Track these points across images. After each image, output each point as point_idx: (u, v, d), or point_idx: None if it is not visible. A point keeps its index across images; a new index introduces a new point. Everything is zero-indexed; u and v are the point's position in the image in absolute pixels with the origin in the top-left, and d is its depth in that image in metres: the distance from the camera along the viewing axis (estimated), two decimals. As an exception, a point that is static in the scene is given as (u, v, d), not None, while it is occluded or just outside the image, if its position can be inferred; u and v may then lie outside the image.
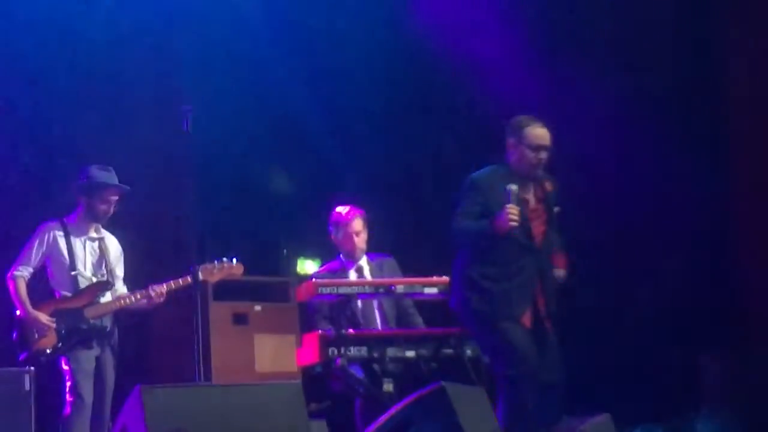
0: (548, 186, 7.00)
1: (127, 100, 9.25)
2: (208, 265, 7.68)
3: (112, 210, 7.67)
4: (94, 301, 7.54)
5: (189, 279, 7.35)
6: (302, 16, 9.67)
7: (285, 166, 9.90)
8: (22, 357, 7.56)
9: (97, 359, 7.55)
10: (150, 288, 7.59)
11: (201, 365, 7.07)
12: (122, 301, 7.62)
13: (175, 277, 7.57)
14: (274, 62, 9.61)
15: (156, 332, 8.83)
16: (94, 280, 7.66)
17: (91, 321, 7.52)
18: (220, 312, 8.64)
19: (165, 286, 7.58)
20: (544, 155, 6.89)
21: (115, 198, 7.67)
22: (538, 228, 6.92)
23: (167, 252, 8.78)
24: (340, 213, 8.19)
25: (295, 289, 8.47)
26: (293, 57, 9.66)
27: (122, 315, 7.75)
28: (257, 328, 8.69)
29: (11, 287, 7.60)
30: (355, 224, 8.12)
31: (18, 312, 7.55)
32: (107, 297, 7.64)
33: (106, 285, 7.63)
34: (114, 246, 7.82)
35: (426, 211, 9.55)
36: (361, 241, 8.13)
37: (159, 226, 9.07)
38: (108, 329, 7.59)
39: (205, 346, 7.62)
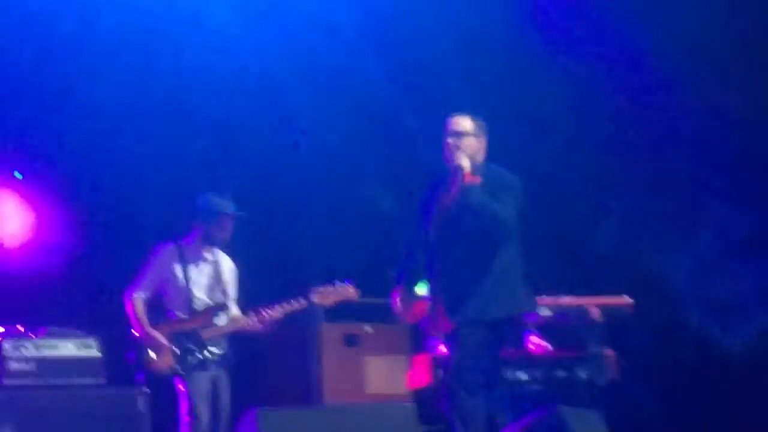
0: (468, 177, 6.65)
1: (238, 125, 9.37)
2: (322, 288, 7.70)
3: (229, 235, 7.78)
4: (210, 324, 7.63)
5: (303, 302, 7.40)
6: (407, 40, 9.64)
7: (395, 186, 9.90)
8: (139, 378, 7.68)
9: (213, 381, 7.63)
10: (264, 311, 7.66)
11: (313, 387, 7.10)
12: (237, 324, 7.69)
13: (288, 300, 7.63)
14: (379, 83, 9.62)
15: (269, 354, 8.89)
16: (209, 302, 7.75)
17: (208, 343, 7.61)
18: (331, 333, 8.67)
19: (279, 309, 7.65)
20: (453, 141, 6.67)
21: (231, 224, 7.76)
22: None
23: (281, 274, 8.85)
24: None
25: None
26: (398, 78, 9.65)
27: (236, 337, 7.82)
28: (368, 349, 8.71)
29: (129, 308, 7.73)
30: None
31: (136, 332, 7.68)
32: (222, 319, 7.71)
33: (222, 307, 7.71)
34: (228, 268, 7.90)
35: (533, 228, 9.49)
36: None
37: (272, 248, 9.15)
38: (224, 351, 7.66)
39: (316, 368, 7.68)
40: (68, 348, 7.86)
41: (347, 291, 7.76)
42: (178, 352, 7.56)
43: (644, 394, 9.10)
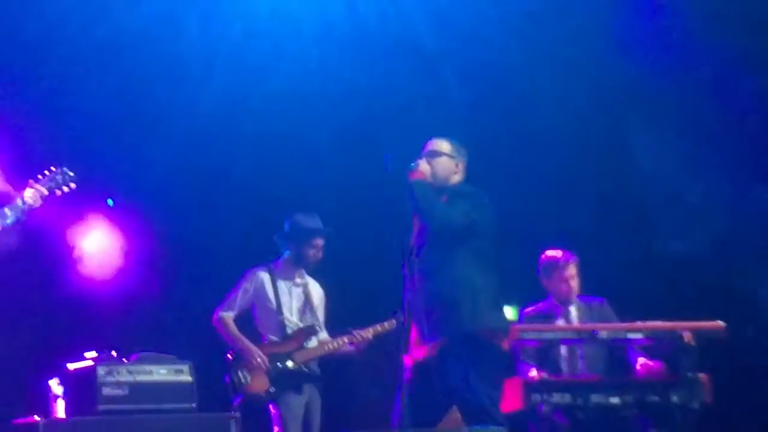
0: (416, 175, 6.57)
1: (325, 147, 9.41)
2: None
3: (320, 255, 7.81)
4: (301, 347, 7.66)
5: (393, 323, 7.40)
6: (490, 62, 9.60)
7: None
8: (236, 401, 7.74)
9: (306, 404, 7.65)
10: (355, 332, 7.67)
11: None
12: (329, 346, 7.71)
13: (378, 322, 7.64)
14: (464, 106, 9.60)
15: (359, 377, 8.90)
16: (300, 325, 7.78)
17: (300, 366, 7.64)
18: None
19: (370, 331, 7.66)
20: (427, 159, 6.65)
21: (321, 243, 7.80)
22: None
23: (370, 296, 8.86)
24: (553, 257, 8.09)
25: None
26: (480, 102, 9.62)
27: (327, 359, 7.84)
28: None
29: (220, 327, 7.80)
30: (570, 269, 8.02)
31: (232, 350, 7.74)
32: (313, 342, 7.75)
33: (313, 330, 7.74)
34: (317, 291, 7.94)
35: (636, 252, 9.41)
36: (575, 285, 8.04)
37: (361, 269, 9.17)
38: (316, 374, 7.69)
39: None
40: (161, 373, 7.92)
41: None
42: (272, 374, 7.60)
43: (738, 418, 8.97)
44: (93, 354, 8.02)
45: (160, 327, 9.20)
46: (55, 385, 8.31)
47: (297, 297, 7.84)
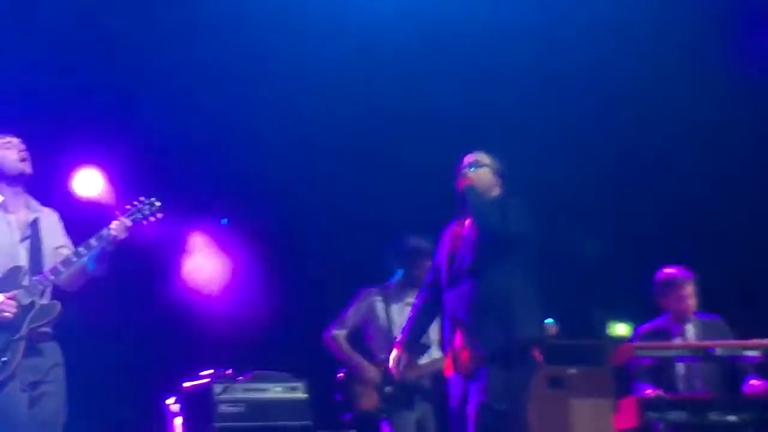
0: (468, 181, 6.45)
1: (436, 167, 9.41)
2: None
3: None
4: (413, 364, 7.69)
5: None
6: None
7: (594, 229, 9.81)
8: (346, 417, 7.79)
9: (419, 421, 7.67)
10: None
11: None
12: (441, 363, 7.72)
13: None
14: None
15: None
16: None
17: (412, 383, 7.67)
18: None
19: None
20: (468, 169, 6.51)
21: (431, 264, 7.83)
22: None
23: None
24: (671, 274, 7.98)
25: (610, 352, 8.36)
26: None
27: (440, 376, 7.84)
28: (573, 392, 8.59)
29: (332, 345, 7.87)
30: (687, 287, 7.91)
31: (344, 367, 7.79)
32: (425, 359, 7.77)
33: (424, 348, 7.76)
34: None
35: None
36: (692, 303, 7.93)
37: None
38: (428, 391, 7.71)
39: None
40: (276, 390, 8.02)
41: (549, 328, 7.70)
42: (384, 392, 7.64)
43: None
44: (209, 372, 8.15)
45: (274, 345, 9.29)
46: (173, 404, 8.46)
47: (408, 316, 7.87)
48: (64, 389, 5.94)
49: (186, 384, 8.23)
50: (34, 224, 5.96)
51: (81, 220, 9.32)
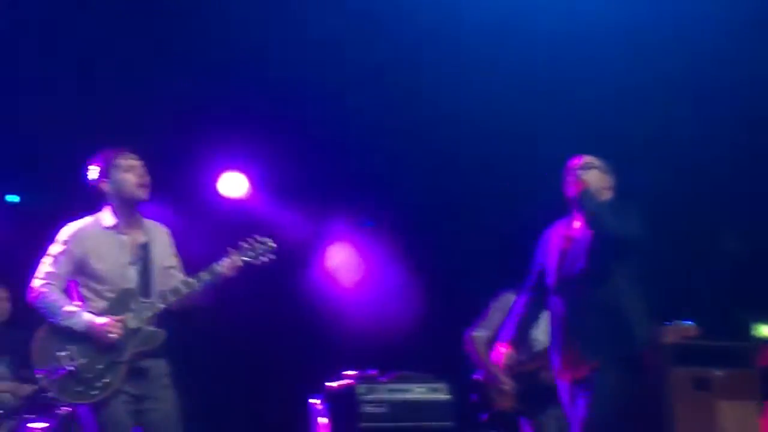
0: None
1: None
2: (663, 328, 7.55)
3: None
4: (549, 365, 7.63)
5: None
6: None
7: (738, 227, 9.61)
8: (483, 418, 7.80)
9: (557, 419, 7.62)
10: None
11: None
12: None
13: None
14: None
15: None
16: (548, 344, 7.77)
17: (548, 384, 7.62)
18: (680, 378, 8.47)
19: None
20: (577, 174, 6.28)
21: None
22: None
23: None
24: None
25: (757, 353, 8.21)
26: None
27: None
28: (719, 394, 8.45)
29: (470, 347, 7.88)
30: None
31: (479, 370, 7.80)
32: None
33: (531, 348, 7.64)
34: None
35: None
36: None
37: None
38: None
39: (668, 412, 7.54)
40: (419, 391, 8.09)
41: (688, 330, 7.56)
42: (520, 392, 7.62)
43: None
44: (353, 373, 8.25)
45: (418, 346, 9.35)
46: (318, 404, 8.58)
47: (545, 317, 7.83)
48: (172, 398, 5.94)
49: (330, 384, 8.35)
50: (145, 246, 5.99)
51: (226, 222, 9.70)
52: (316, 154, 9.57)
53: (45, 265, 5.86)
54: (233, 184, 9.96)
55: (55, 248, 5.88)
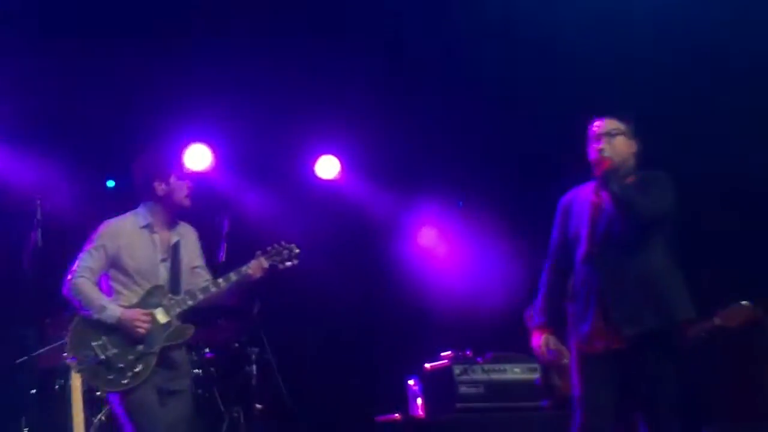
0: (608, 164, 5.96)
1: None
2: (728, 310, 7.31)
3: None
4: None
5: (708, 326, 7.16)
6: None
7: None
8: (544, 403, 7.74)
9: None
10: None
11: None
12: None
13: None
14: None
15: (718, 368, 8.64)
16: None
17: None
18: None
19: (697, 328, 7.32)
20: (606, 140, 6.00)
21: None
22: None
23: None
24: None
25: None
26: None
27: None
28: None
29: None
30: None
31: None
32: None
33: None
34: None
35: None
36: None
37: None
38: None
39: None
40: (514, 371, 8.07)
41: (756, 312, 7.30)
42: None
43: None
44: (449, 353, 8.26)
45: (512, 326, 9.31)
46: (414, 384, 8.62)
47: None
48: (190, 397, 6.25)
49: (427, 365, 8.37)
50: (176, 246, 6.28)
51: (321, 201, 9.80)
52: (410, 135, 9.59)
53: (81, 260, 6.15)
54: (325, 167, 10.05)
55: (91, 244, 6.17)
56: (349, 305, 9.90)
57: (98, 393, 7.28)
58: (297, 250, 6.37)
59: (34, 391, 6.14)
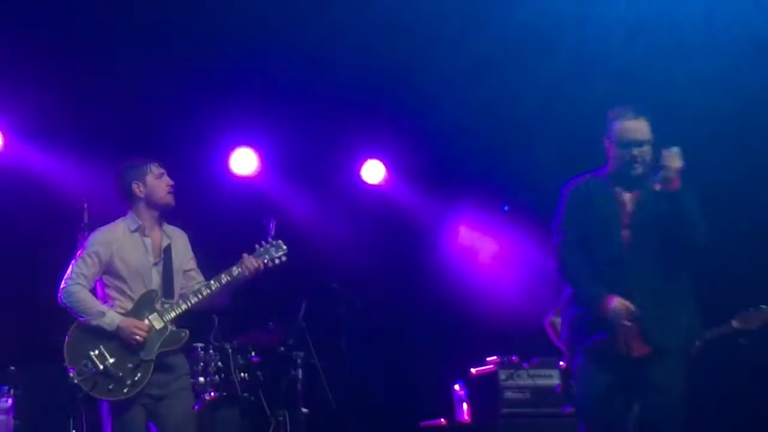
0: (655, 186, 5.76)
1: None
2: (746, 312, 7.23)
3: None
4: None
5: (726, 327, 7.08)
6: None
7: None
8: (565, 410, 7.69)
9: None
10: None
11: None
12: None
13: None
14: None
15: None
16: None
17: None
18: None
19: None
20: (637, 152, 5.79)
21: None
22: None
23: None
24: None
25: None
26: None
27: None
28: None
29: (551, 332, 7.77)
30: None
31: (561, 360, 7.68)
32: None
33: None
34: None
35: None
36: None
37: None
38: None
39: None
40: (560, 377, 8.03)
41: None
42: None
43: None
44: (495, 358, 8.24)
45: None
46: (460, 389, 8.61)
47: None
48: (190, 394, 6.32)
49: (472, 370, 8.35)
50: (167, 249, 6.29)
51: (366, 206, 9.81)
52: (451, 139, 9.58)
53: (75, 267, 6.19)
54: (371, 171, 10.06)
55: (84, 251, 6.21)
56: (395, 309, 9.90)
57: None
58: (284, 247, 6.38)
59: (82, 393, 6.14)
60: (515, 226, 9.77)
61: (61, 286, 6.15)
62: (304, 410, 8.10)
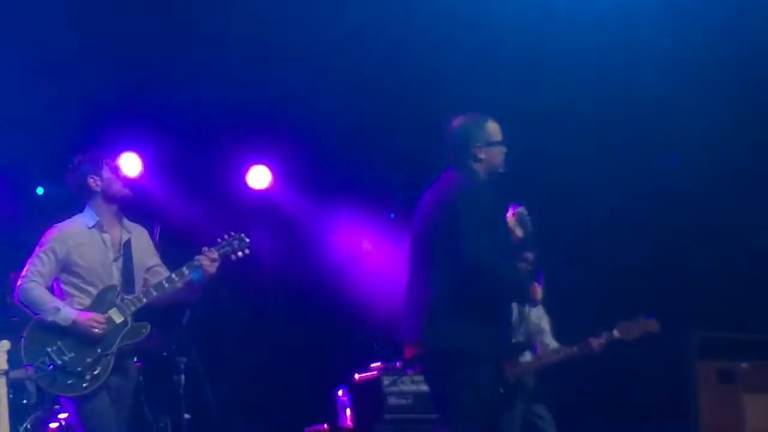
0: None
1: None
2: (626, 323, 7.39)
3: None
4: (514, 363, 7.36)
5: (607, 336, 7.24)
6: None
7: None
8: None
9: (524, 416, 7.41)
10: (590, 342, 7.39)
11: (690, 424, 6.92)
12: (549, 357, 7.45)
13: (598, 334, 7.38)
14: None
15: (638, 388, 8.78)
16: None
17: (513, 381, 7.31)
18: (705, 371, 8.44)
19: (600, 341, 7.37)
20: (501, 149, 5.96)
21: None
22: None
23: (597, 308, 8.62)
24: None
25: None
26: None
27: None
28: (746, 387, 8.42)
29: None
30: None
31: None
32: (527, 356, 7.49)
33: (524, 347, 7.44)
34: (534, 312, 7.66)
35: None
36: None
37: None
38: (530, 387, 7.42)
39: (693, 405, 7.50)
40: (444, 383, 8.07)
41: (649, 325, 7.39)
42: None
43: None
44: (378, 365, 8.27)
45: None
46: (343, 395, 8.61)
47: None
48: (129, 407, 6.23)
49: (356, 376, 8.37)
50: (127, 244, 6.22)
51: (253, 211, 9.77)
52: (338, 147, 9.61)
53: (31, 264, 6.09)
54: (257, 177, 10.04)
55: (40, 249, 6.11)
56: (279, 315, 9.89)
57: (24, 402, 7.22)
58: (247, 240, 6.28)
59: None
60: (402, 233, 9.82)
61: (17, 284, 6.04)
62: (186, 416, 8.03)
